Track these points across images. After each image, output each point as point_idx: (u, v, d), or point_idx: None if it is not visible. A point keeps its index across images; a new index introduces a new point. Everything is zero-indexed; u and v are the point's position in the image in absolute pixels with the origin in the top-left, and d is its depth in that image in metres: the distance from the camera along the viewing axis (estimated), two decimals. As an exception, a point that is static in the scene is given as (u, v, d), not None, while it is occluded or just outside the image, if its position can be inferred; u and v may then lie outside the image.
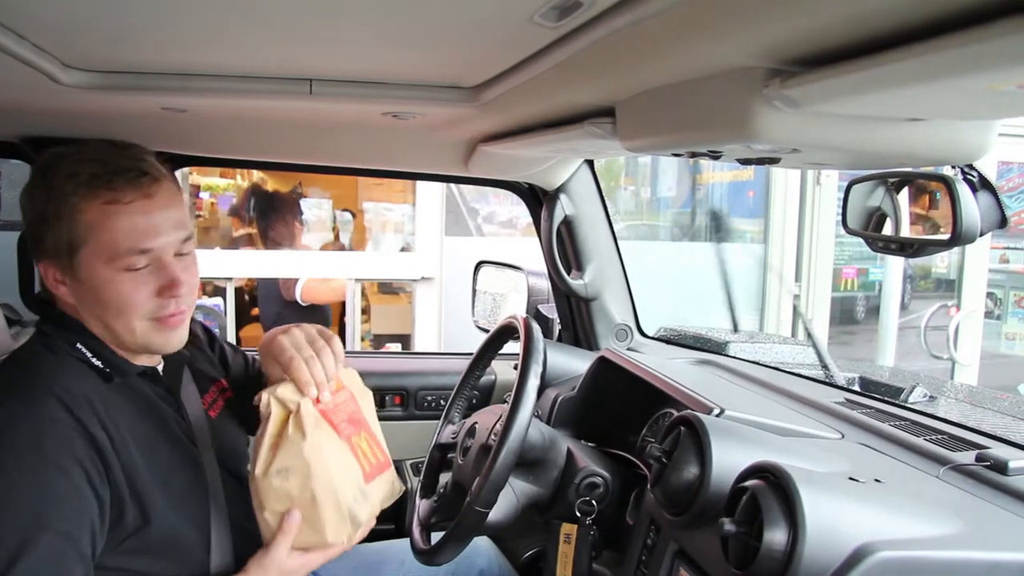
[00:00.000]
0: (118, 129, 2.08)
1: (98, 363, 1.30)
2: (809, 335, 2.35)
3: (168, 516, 1.29)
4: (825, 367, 2.14)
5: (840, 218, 1.43)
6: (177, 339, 1.36)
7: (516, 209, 6.85)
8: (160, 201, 1.32)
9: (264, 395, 1.31)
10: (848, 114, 0.95)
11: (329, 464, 1.30)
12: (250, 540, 1.37)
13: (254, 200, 5.56)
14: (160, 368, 1.42)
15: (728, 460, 1.21)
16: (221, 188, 6.25)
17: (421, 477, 1.78)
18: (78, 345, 1.31)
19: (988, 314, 6.26)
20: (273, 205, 5.25)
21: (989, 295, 6.31)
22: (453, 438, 1.73)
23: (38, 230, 1.29)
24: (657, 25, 0.90)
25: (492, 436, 1.52)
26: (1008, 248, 6.49)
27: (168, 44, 1.36)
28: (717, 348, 2.32)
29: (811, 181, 6.44)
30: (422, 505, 1.68)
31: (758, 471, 1.11)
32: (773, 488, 1.05)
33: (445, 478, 1.70)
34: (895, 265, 6.38)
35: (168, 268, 1.31)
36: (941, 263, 7.63)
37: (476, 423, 1.64)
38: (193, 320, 1.46)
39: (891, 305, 6.36)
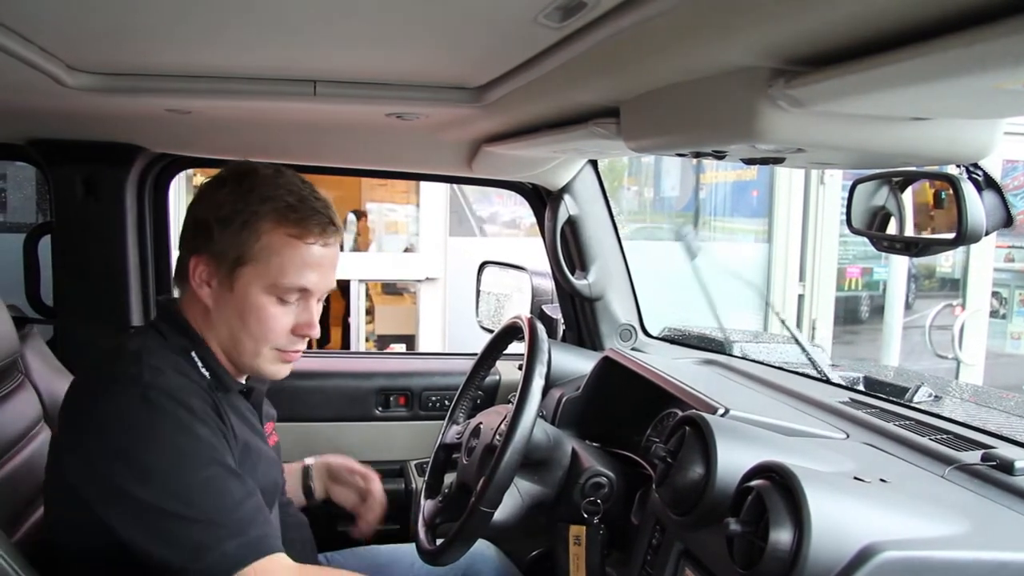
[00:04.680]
0: (123, 131, 2.10)
1: (207, 374, 1.33)
2: (795, 338, 2.33)
3: None
4: (816, 367, 2.13)
5: (844, 217, 1.43)
6: (285, 373, 1.42)
7: (520, 209, 6.85)
8: (332, 252, 1.37)
9: None
10: (853, 114, 0.94)
11: None
12: None
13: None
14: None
15: (733, 460, 1.21)
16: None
17: (426, 477, 1.78)
18: (192, 354, 1.33)
19: (993, 313, 6.24)
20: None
21: (994, 294, 6.28)
22: (458, 438, 1.73)
23: (210, 227, 1.31)
24: (661, 25, 0.90)
25: (497, 437, 1.52)
26: (1013, 247, 6.47)
27: (172, 46, 1.37)
28: (722, 348, 2.32)
29: (815, 181, 6.43)
30: (427, 505, 1.68)
31: (763, 471, 1.10)
32: (778, 488, 1.05)
33: (450, 478, 1.70)
34: (899, 264, 6.36)
35: (311, 311, 1.36)
36: (946, 262, 7.60)
37: (481, 423, 1.64)
38: None
39: (895, 304, 6.34)
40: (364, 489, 1.77)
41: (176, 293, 1.43)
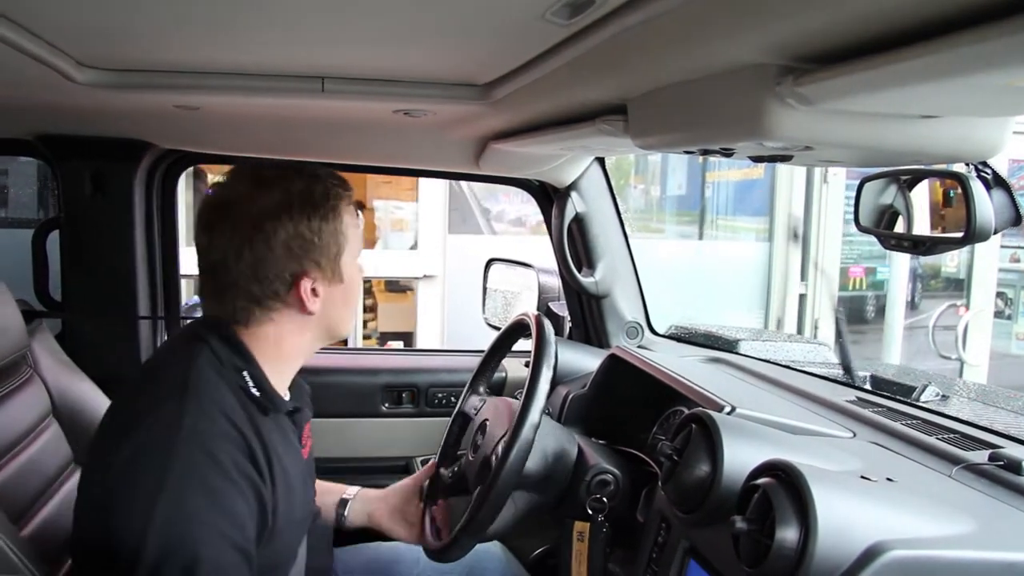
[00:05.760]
0: (132, 127, 2.10)
1: (258, 394, 1.32)
2: (840, 334, 2.32)
3: (278, 543, 1.32)
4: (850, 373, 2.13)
5: (852, 216, 1.43)
6: None
7: (525, 207, 6.84)
8: None
9: None
10: (861, 111, 0.94)
11: None
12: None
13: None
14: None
15: (739, 458, 1.21)
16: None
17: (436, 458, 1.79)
18: (244, 373, 1.32)
19: (999, 314, 6.21)
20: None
21: (999, 295, 6.25)
22: (474, 412, 1.74)
23: (311, 242, 1.31)
24: (669, 22, 0.89)
25: (495, 455, 1.50)
26: (1019, 247, 6.44)
27: (181, 42, 1.37)
28: (728, 346, 2.32)
29: (818, 180, 6.39)
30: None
31: (770, 469, 1.10)
32: (785, 486, 1.05)
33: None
34: (900, 264, 6.33)
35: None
36: (951, 262, 7.56)
37: (487, 420, 1.64)
38: None
39: (897, 304, 6.31)
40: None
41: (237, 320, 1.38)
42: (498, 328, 1.99)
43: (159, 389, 1.27)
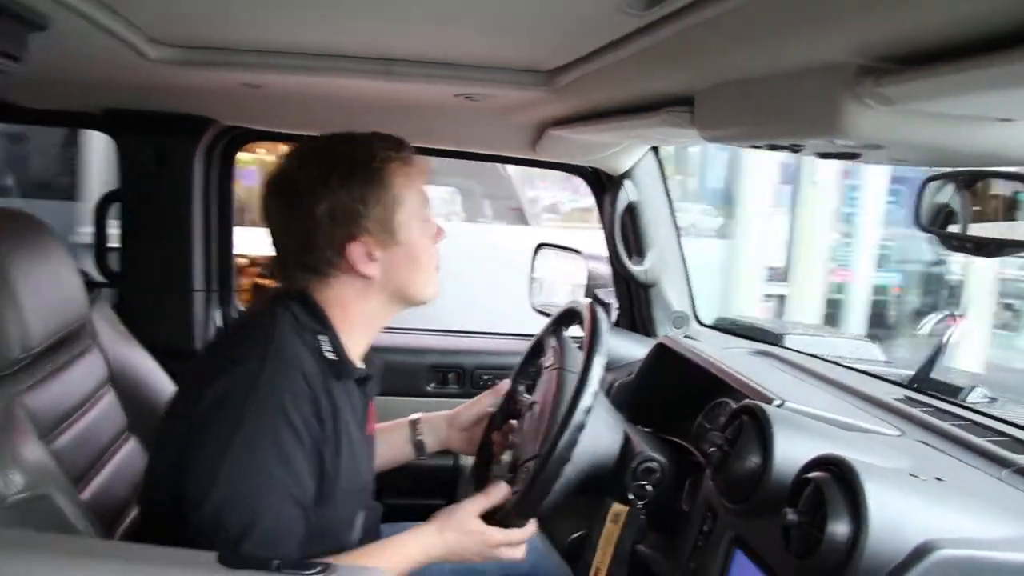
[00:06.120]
0: (197, 104, 2.14)
1: (333, 358, 1.36)
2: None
3: (333, 509, 1.36)
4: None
5: (913, 215, 1.42)
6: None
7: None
8: None
9: None
10: (939, 113, 0.94)
11: None
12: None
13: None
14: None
15: (790, 451, 1.22)
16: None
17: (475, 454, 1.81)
18: (320, 337, 1.37)
19: (1005, 326, 6.01)
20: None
21: (1007, 306, 6.07)
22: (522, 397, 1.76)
23: (351, 209, 1.34)
24: (749, 16, 0.89)
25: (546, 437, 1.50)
26: (1031, 256, 6.25)
27: (250, 21, 1.39)
28: (774, 339, 2.31)
29: (805, 179, 6.29)
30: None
31: (822, 463, 1.11)
32: (837, 480, 1.06)
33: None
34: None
35: (433, 219, 1.47)
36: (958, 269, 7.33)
37: (536, 402, 1.66)
38: None
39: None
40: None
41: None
42: (546, 314, 2.00)
43: (242, 346, 1.33)
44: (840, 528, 1.02)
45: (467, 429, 1.81)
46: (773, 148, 1.24)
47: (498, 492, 1.46)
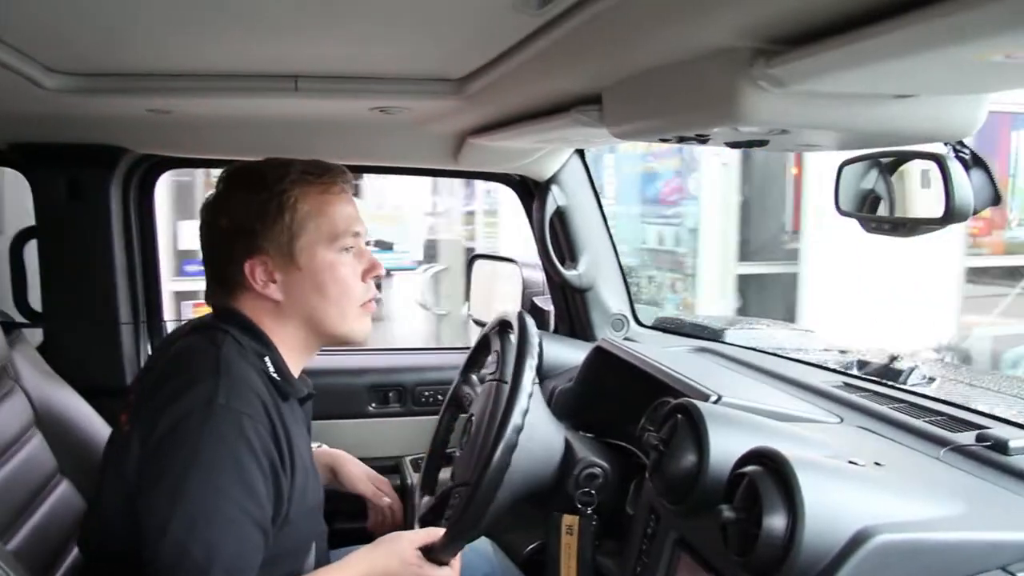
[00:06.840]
0: (104, 133, 2.08)
1: (278, 379, 1.35)
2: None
3: (293, 529, 1.34)
4: None
5: (833, 199, 1.42)
6: (370, 326, 1.46)
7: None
8: (354, 199, 1.46)
9: None
10: (836, 93, 0.93)
11: None
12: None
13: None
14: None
15: (726, 447, 1.20)
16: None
17: (421, 473, 1.78)
18: (266, 359, 1.35)
19: None
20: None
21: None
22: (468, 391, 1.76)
23: (248, 228, 1.35)
24: (640, 7, 0.89)
25: (480, 455, 1.48)
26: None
27: (152, 45, 1.35)
28: (714, 335, 2.31)
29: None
30: (424, 502, 1.68)
31: (756, 457, 1.09)
32: (771, 474, 1.04)
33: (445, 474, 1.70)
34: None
35: (368, 253, 1.44)
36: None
37: (472, 416, 1.64)
38: None
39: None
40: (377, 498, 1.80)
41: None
42: (483, 324, 1.98)
43: (191, 372, 1.30)
44: (776, 522, 1.01)
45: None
46: (681, 140, 1.24)
47: (437, 532, 1.43)
